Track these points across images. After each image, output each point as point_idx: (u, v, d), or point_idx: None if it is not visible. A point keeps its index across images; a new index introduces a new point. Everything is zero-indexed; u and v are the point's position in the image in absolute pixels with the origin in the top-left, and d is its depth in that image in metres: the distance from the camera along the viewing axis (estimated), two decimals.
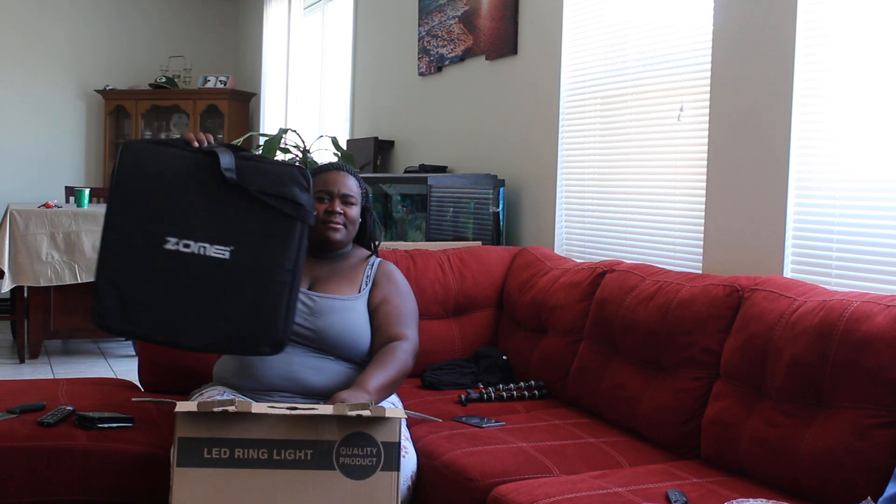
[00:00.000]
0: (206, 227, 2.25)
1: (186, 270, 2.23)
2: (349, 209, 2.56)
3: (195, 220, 2.25)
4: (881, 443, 1.92)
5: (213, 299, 2.24)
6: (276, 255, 2.28)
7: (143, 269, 2.22)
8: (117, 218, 2.24)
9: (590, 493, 2.01)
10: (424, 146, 5.16)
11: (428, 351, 3.13)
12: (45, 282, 5.19)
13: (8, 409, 2.47)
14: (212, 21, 8.75)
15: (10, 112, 7.97)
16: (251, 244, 2.27)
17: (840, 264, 2.57)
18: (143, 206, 2.25)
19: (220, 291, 2.24)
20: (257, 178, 2.30)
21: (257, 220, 2.28)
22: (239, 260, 2.25)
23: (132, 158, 2.28)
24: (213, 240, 2.25)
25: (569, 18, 3.81)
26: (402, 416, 2.02)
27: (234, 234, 2.26)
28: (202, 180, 2.28)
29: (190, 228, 2.24)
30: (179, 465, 1.97)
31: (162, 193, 2.26)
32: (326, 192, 2.54)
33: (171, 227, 2.24)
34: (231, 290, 2.25)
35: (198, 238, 2.24)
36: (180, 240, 2.24)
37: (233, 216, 2.27)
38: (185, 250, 2.23)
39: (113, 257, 2.23)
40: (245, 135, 6.60)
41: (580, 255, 3.70)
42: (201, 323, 2.24)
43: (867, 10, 2.49)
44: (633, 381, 2.60)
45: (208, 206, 2.26)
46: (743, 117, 2.87)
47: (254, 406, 1.99)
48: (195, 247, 2.24)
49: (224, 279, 2.24)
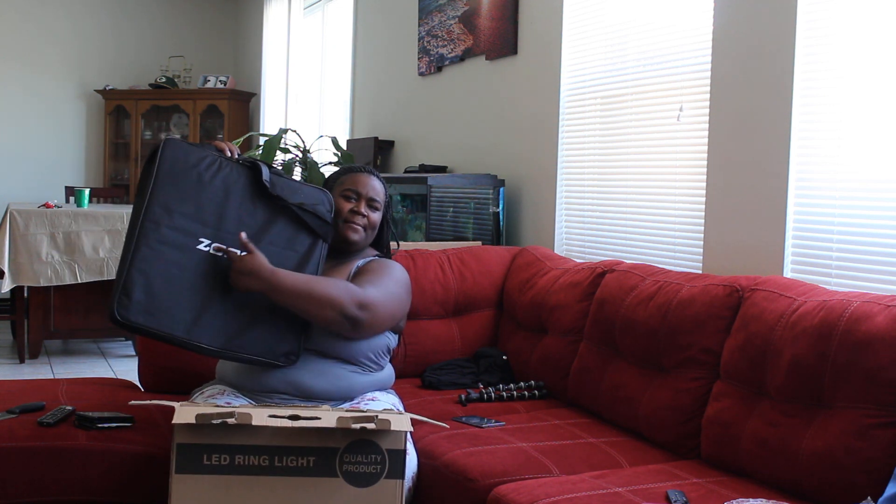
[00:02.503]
0: (234, 230, 2.28)
1: (214, 273, 2.25)
2: (372, 214, 2.56)
3: (229, 226, 2.28)
4: (881, 443, 1.92)
5: (236, 304, 2.26)
6: (297, 269, 2.34)
7: (175, 265, 2.21)
8: (156, 209, 2.21)
9: (590, 493, 2.01)
10: (424, 146, 5.16)
11: (428, 351, 3.14)
12: (45, 282, 5.19)
13: (8, 409, 2.47)
14: (212, 21, 8.75)
15: (10, 112, 7.97)
16: (277, 256, 2.30)
17: (840, 264, 2.57)
18: (182, 203, 2.24)
19: (244, 298, 2.27)
20: (290, 193, 2.37)
21: (284, 234, 2.35)
22: None
23: (173, 154, 2.27)
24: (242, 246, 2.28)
25: (569, 18, 3.81)
26: (408, 429, 1.99)
27: (263, 247, 2.29)
28: (237, 188, 2.31)
29: (223, 233, 2.27)
30: (178, 472, 1.94)
31: (201, 194, 2.27)
32: (355, 192, 2.54)
33: (206, 228, 2.25)
34: (253, 298, 2.28)
35: (230, 244, 2.27)
36: (213, 242, 2.26)
37: (263, 227, 2.33)
38: (217, 253, 2.25)
39: (149, 249, 2.19)
40: (245, 135, 6.60)
41: (580, 255, 3.70)
42: (220, 326, 2.25)
43: (867, 10, 2.49)
44: (633, 381, 2.59)
45: (241, 215, 2.30)
46: (743, 117, 2.87)
47: (254, 417, 1.95)
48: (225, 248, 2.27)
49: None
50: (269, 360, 2.32)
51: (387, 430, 1.96)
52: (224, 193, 2.30)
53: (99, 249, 5.26)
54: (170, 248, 2.21)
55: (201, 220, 2.25)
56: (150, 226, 2.21)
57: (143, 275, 2.17)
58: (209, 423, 1.92)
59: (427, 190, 4.24)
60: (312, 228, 2.39)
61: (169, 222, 2.22)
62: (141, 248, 2.19)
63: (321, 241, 2.41)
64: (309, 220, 2.38)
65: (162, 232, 2.21)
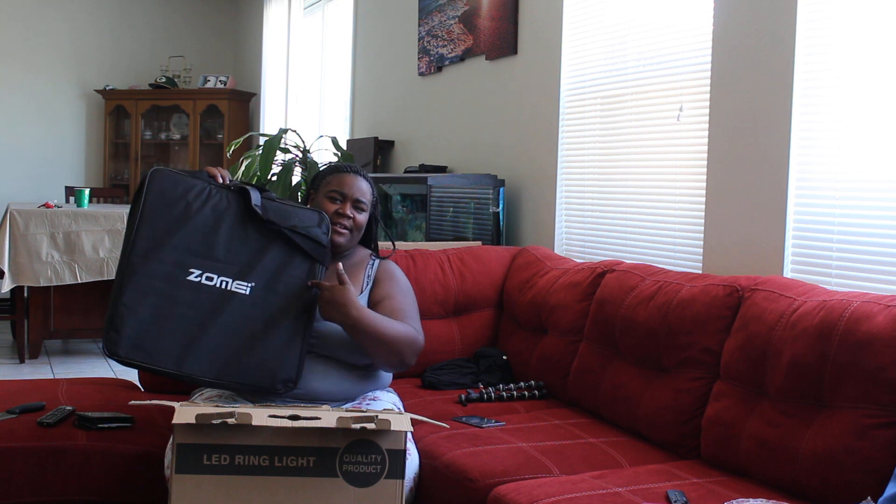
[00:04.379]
0: (230, 261, 2.27)
1: (206, 302, 2.23)
2: (359, 215, 2.53)
3: (219, 254, 2.26)
4: (881, 443, 1.92)
5: (229, 332, 2.24)
6: (294, 295, 2.31)
7: (165, 297, 2.20)
8: (143, 243, 2.22)
9: (590, 493, 2.01)
10: (424, 146, 5.16)
11: (428, 351, 3.12)
12: (45, 282, 5.19)
13: (8, 409, 2.47)
14: (212, 21, 8.75)
15: (10, 112, 7.97)
16: (272, 282, 2.29)
17: (840, 264, 2.57)
18: (170, 235, 2.23)
19: (238, 325, 2.25)
20: (283, 217, 2.34)
21: (279, 260, 2.32)
22: (259, 296, 2.27)
23: (160, 185, 2.27)
24: (236, 275, 2.27)
25: (569, 18, 3.81)
26: (408, 429, 1.99)
27: (256, 271, 2.28)
28: (228, 215, 2.30)
29: (214, 262, 2.26)
30: (178, 472, 1.94)
31: (189, 224, 2.26)
32: (340, 193, 2.52)
33: (195, 258, 2.24)
34: (248, 325, 2.26)
35: (221, 272, 2.26)
36: (204, 272, 2.24)
37: (255, 253, 2.30)
38: (208, 283, 2.24)
39: (135, 283, 2.19)
40: (245, 135, 6.60)
41: (580, 255, 3.70)
42: (214, 355, 2.22)
43: (867, 10, 2.49)
44: (633, 381, 2.59)
45: (232, 242, 2.28)
46: (743, 117, 2.87)
47: (254, 417, 1.94)
48: (217, 280, 2.25)
49: (243, 314, 2.26)
50: (266, 387, 2.28)
51: (387, 430, 1.96)
52: (214, 222, 2.28)
53: (99, 249, 5.26)
54: (159, 280, 2.21)
55: (191, 251, 2.24)
56: (137, 260, 2.21)
57: (132, 310, 2.18)
58: (209, 423, 1.91)
59: (427, 190, 4.24)
60: (307, 252, 2.35)
61: (157, 255, 2.22)
62: (129, 282, 2.19)
63: (318, 265, 2.37)
64: (303, 244, 2.34)
65: (150, 266, 2.21)
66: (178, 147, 8.44)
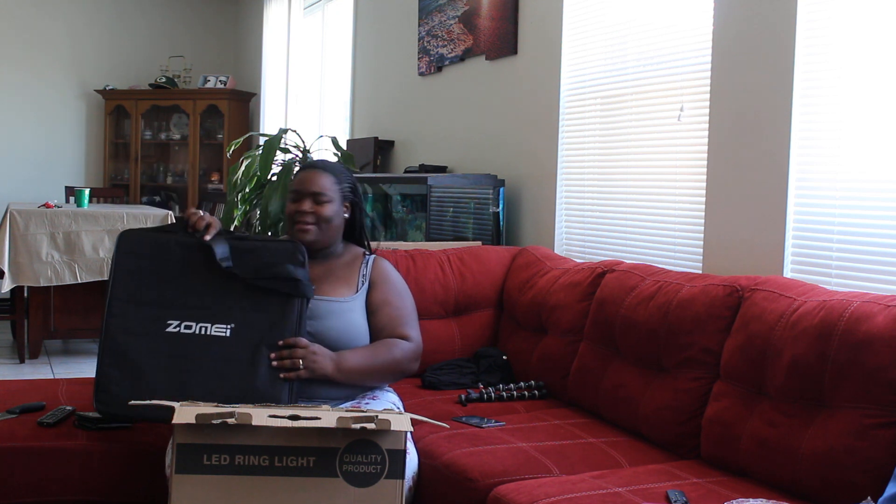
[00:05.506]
0: (207, 308, 2.30)
1: (189, 350, 2.26)
2: (321, 208, 2.49)
3: (195, 302, 2.30)
4: (881, 443, 1.92)
5: (216, 374, 2.26)
6: (276, 329, 2.31)
7: (148, 353, 2.25)
8: (118, 305, 2.29)
9: (590, 493, 2.01)
10: (424, 146, 5.16)
11: (428, 351, 3.12)
12: (45, 282, 5.19)
13: (8, 409, 2.47)
14: (212, 21, 8.75)
15: (10, 112, 7.96)
16: (251, 321, 2.30)
17: (840, 264, 2.57)
18: (143, 293, 2.30)
19: (223, 366, 2.27)
20: (252, 260, 2.34)
21: (256, 299, 2.32)
22: (241, 335, 2.29)
23: (129, 246, 2.35)
24: (214, 319, 2.29)
25: (569, 18, 3.81)
26: (408, 429, 1.99)
27: (234, 313, 2.30)
28: (200, 264, 2.33)
29: (190, 311, 2.29)
30: (178, 472, 1.94)
31: (161, 279, 2.31)
32: (297, 192, 2.52)
33: (171, 310, 2.28)
34: (235, 365, 2.27)
35: (199, 319, 2.28)
36: (181, 322, 2.28)
37: (232, 296, 2.32)
38: (187, 331, 2.27)
39: (116, 345, 2.26)
40: (245, 135, 6.60)
41: (580, 255, 3.70)
42: (207, 396, 2.21)
43: (867, 9, 2.49)
44: (633, 381, 2.59)
45: (208, 289, 2.31)
46: (743, 117, 2.87)
47: (254, 417, 1.94)
48: (196, 327, 2.28)
49: (228, 355, 2.28)
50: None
51: (387, 430, 1.96)
52: (186, 273, 2.32)
53: (99, 249, 5.26)
54: (138, 337, 2.26)
55: (166, 304, 2.29)
56: (114, 321, 2.28)
57: (117, 368, 2.24)
58: (209, 423, 1.91)
59: (427, 190, 4.24)
60: (277, 286, 2.33)
61: (133, 314, 2.28)
62: (109, 343, 2.26)
63: (296, 298, 2.34)
64: (272, 286, 2.32)
65: (128, 324, 2.27)
66: (178, 147, 8.45)
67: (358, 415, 1.97)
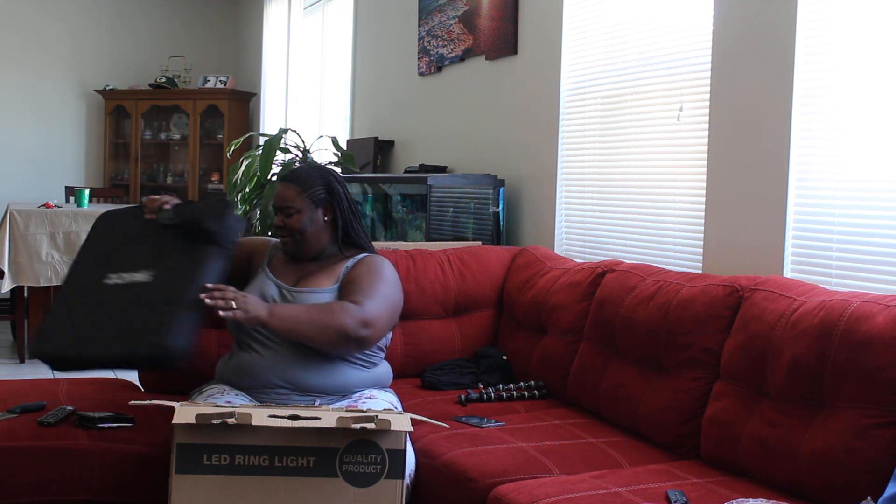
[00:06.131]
0: (137, 260, 2.44)
1: (116, 297, 2.37)
2: (290, 220, 2.57)
3: (130, 257, 2.47)
4: (881, 443, 1.92)
5: (128, 315, 2.33)
6: (192, 275, 2.37)
7: (84, 303, 2.38)
8: (77, 268, 2.50)
9: (590, 493, 2.01)
10: (424, 146, 5.16)
11: (428, 351, 3.14)
12: (45, 282, 5.19)
13: (8, 409, 2.47)
14: (212, 21, 8.75)
15: (9, 112, 7.96)
16: (171, 268, 2.41)
17: (840, 264, 2.57)
18: (94, 256, 2.52)
19: (135, 308, 2.34)
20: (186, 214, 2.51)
21: (179, 249, 2.45)
22: (161, 280, 2.38)
23: (99, 223, 2.62)
24: (141, 267, 2.41)
25: (569, 18, 3.81)
26: (408, 429, 1.99)
27: (158, 261, 2.42)
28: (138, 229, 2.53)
29: (125, 264, 2.44)
30: (178, 472, 1.94)
31: (109, 245, 2.54)
32: (273, 207, 2.62)
33: (112, 266, 2.45)
34: (146, 307, 2.33)
35: (129, 269, 2.41)
36: (117, 273, 2.42)
37: (160, 248, 2.47)
38: (120, 282, 2.40)
39: (62, 299, 2.43)
40: (245, 135, 6.60)
41: (580, 255, 3.70)
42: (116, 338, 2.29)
43: (867, 9, 2.49)
44: (633, 381, 2.59)
45: (141, 246, 2.50)
46: (743, 117, 2.87)
47: (254, 417, 1.95)
48: (127, 277, 2.40)
49: (144, 298, 2.35)
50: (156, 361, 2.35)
51: (387, 430, 1.96)
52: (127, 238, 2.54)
53: None
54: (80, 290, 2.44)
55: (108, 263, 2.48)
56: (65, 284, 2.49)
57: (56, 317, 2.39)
58: (209, 423, 1.92)
59: (427, 190, 4.24)
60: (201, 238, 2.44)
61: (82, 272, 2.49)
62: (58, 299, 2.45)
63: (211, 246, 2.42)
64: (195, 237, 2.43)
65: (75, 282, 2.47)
66: (178, 147, 8.45)
67: (358, 415, 1.97)
